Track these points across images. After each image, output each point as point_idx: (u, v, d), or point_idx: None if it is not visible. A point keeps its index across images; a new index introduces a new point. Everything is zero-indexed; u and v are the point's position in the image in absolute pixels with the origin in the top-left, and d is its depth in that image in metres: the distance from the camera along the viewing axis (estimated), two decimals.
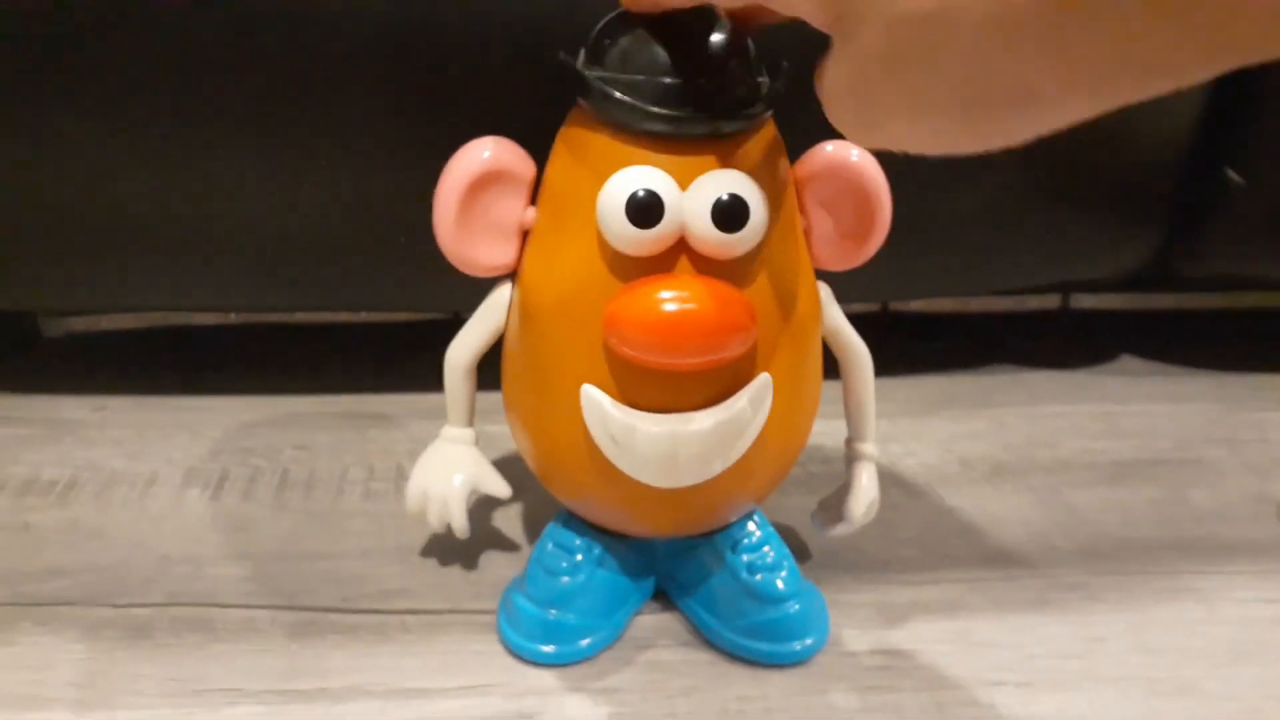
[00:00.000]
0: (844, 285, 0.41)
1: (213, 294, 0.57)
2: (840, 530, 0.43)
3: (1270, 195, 0.57)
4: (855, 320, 0.41)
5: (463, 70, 0.46)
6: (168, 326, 0.69)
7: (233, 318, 0.69)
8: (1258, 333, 0.72)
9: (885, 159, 0.37)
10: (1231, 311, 0.75)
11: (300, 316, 0.70)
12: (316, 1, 0.44)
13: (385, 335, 0.69)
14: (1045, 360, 0.67)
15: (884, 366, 0.42)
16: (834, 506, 0.43)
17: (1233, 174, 0.56)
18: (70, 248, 0.52)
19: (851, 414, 0.42)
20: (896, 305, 0.74)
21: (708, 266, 0.34)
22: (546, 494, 0.41)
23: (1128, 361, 0.67)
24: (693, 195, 0.33)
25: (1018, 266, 0.61)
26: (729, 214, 0.33)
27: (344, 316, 0.70)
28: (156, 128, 0.47)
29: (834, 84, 0.26)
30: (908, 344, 0.69)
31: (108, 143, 0.48)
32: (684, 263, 0.34)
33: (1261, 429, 0.59)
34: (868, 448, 0.42)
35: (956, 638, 0.42)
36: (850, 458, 0.42)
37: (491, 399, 0.41)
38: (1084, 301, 0.75)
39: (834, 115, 0.27)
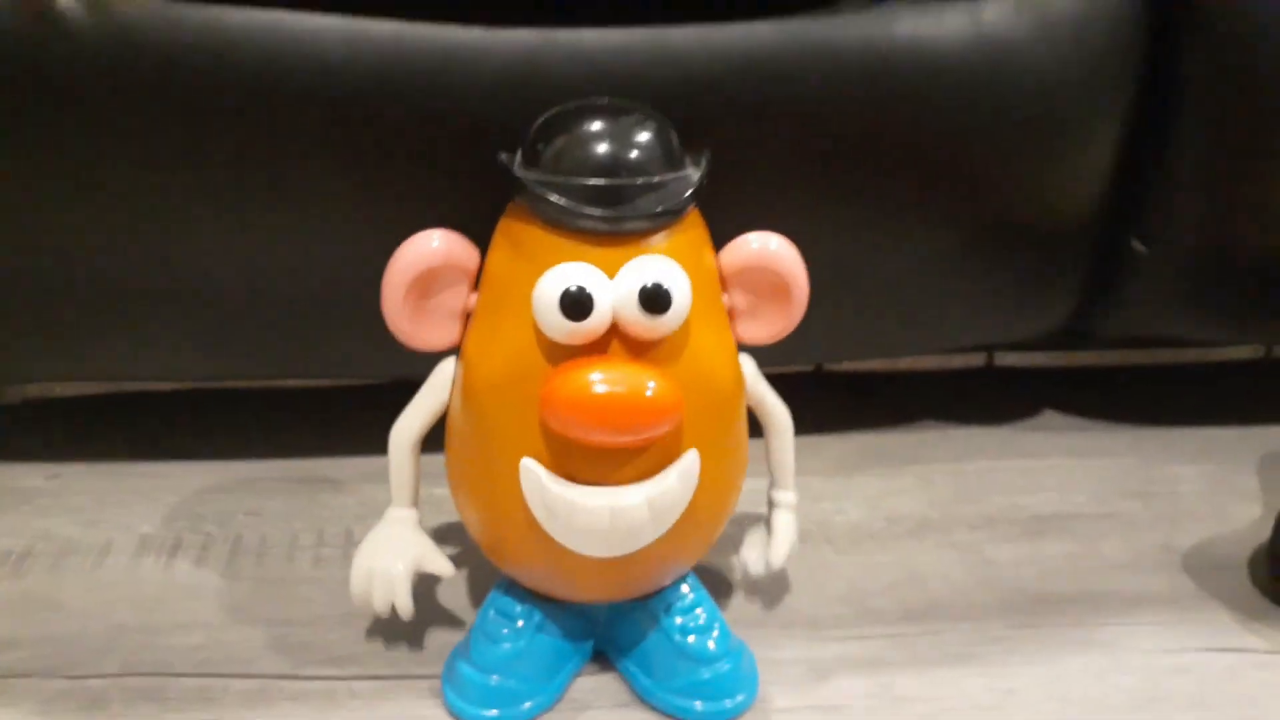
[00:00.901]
0: (778, 348, 0.44)
1: (167, 363, 0.58)
2: (765, 571, 0.46)
3: (1174, 260, 0.60)
4: (788, 380, 0.44)
5: (414, 155, 0.48)
6: (122, 393, 0.70)
7: (187, 383, 0.71)
8: (1172, 388, 0.76)
9: (820, 232, 0.40)
10: (1148, 368, 0.79)
11: (253, 382, 0.72)
12: (278, 83, 0.46)
13: (335, 399, 0.70)
14: (971, 417, 0.70)
15: (815, 424, 0.45)
16: (758, 546, 0.47)
17: (1137, 243, 0.60)
18: (26, 317, 0.53)
19: (773, 469, 0.46)
20: (829, 364, 0.77)
21: (636, 347, 0.37)
22: (488, 561, 0.43)
23: (1049, 417, 0.71)
24: (620, 282, 0.36)
25: (944, 327, 0.64)
26: (653, 299, 0.36)
27: (295, 381, 0.72)
28: (117, 200, 0.49)
29: None
30: (839, 401, 0.72)
31: (65, 214, 0.49)
32: (615, 345, 0.37)
33: (1173, 482, 0.62)
34: (788, 496, 0.46)
35: (880, 691, 0.44)
36: (771, 503, 0.46)
37: (438, 462, 0.43)
38: (1008, 359, 0.78)
39: None
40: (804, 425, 0.46)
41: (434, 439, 0.42)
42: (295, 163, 0.48)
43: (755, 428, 0.44)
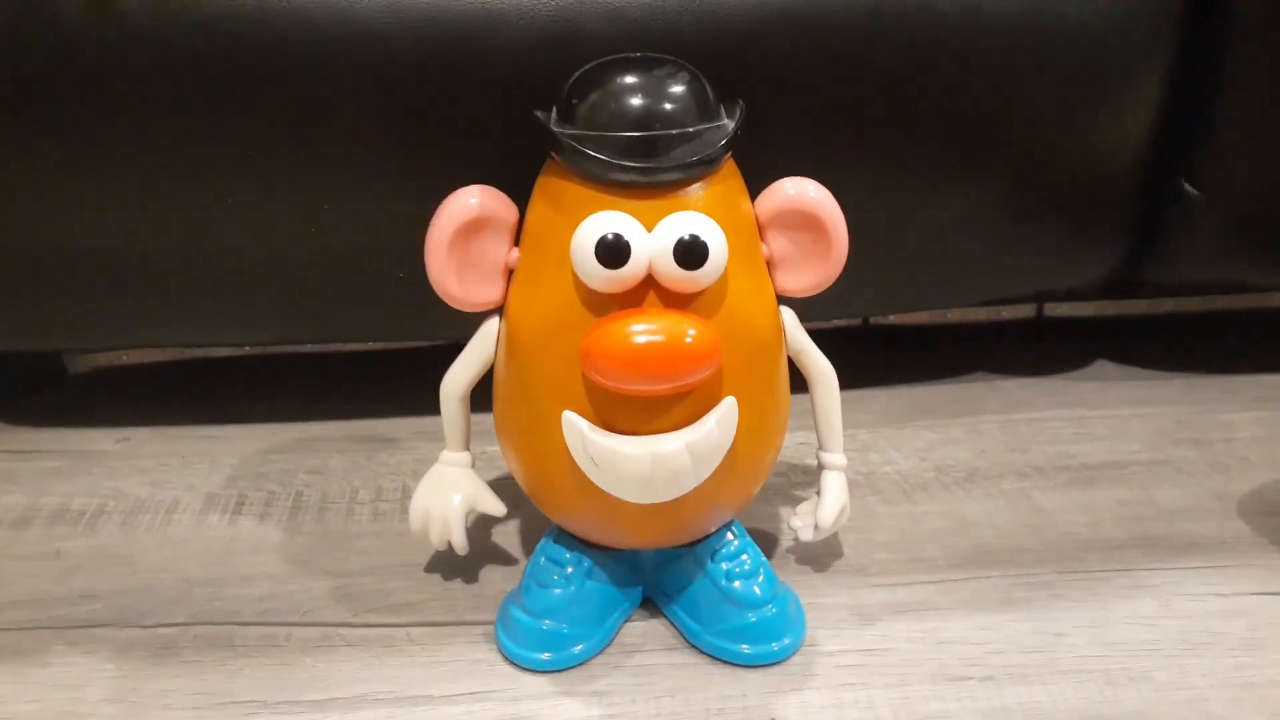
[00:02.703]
0: (825, 302, 0.44)
1: (228, 329, 0.60)
2: (815, 537, 0.46)
3: (1226, 205, 0.59)
4: (835, 334, 0.44)
5: (455, 117, 0.49)
6: (186, 360, 0.72)
7: (248, 350, 0.73)
8: (1226, 335, 0.75)
9: (865, 182, 0.40)
10: (1202, 315, 0.78)
11: (311, 347, 0.74)
12: (318, 47, 0.47)
13: (391, 362, 0.72)
14: (1021, 368, 0.69)
15: (863, 378, 0.45)
16: (809, 513, 0.46)
17: (1188, 187, 0.59)
18: (92, 289, 0.55)
19: (820, 428, 0.45)
20: (876, 318, 0.77)
21: (674, 299, 0.37)
22: (539, 512, 0.44)
23: (1101, 367, 0.70)
24: (657, 236, 0.36)
25: (993, 278, 0.64)
26: (689, 253, 0.36)
27: (352, 346, 0.74)
28: (172, 174, 0.51)
29: None
30: (887, 355, 0.72)
31: (125, 189, 0.51)
32: (652, 297, 0.37)
33: (1229, 429, 0.62)
34: (837, 458, 0.45)
35: (925, 635, 0.45)
36: (820, 467, 0.46)
37: (489, 421, 0.44)
38: (1058, 310, 0.78)
39: None
40: (850, 379, 0.46)
41: (485, 399, 0.43)
42: (338, 128, 0.49)
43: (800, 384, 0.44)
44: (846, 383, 0.45)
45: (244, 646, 0.44)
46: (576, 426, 0.38)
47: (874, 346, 0.74)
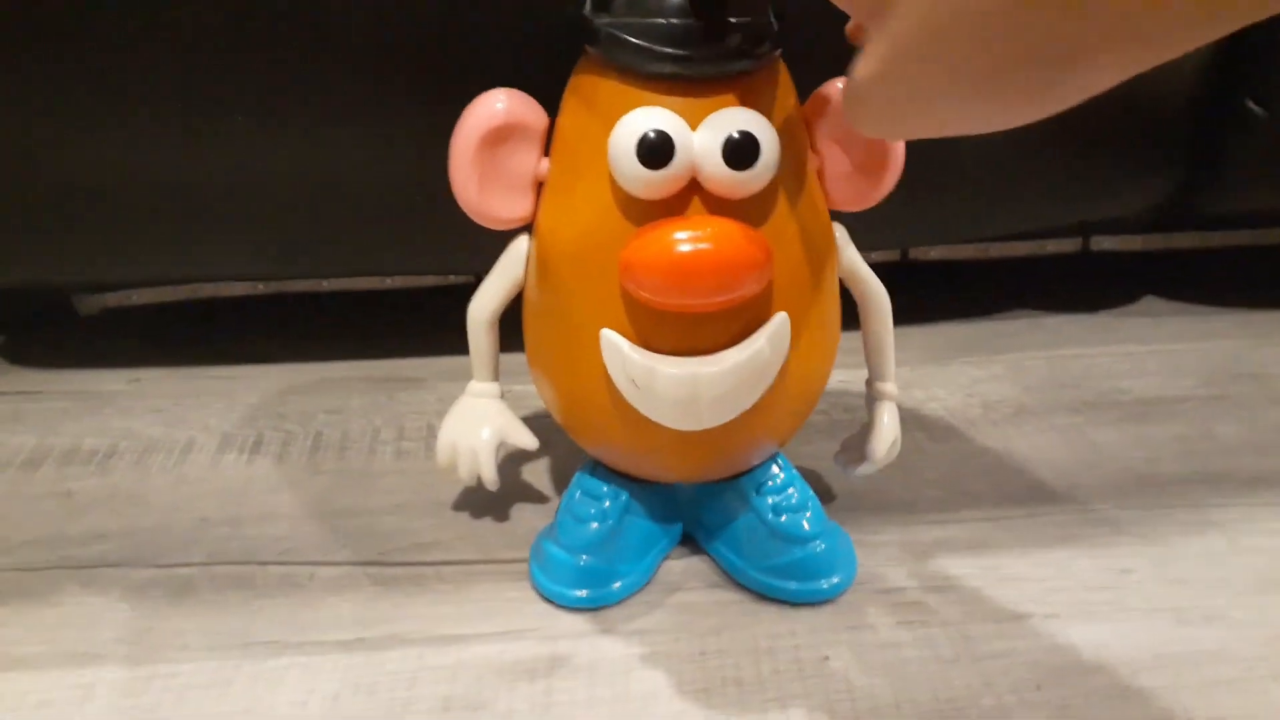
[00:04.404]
0: (863, 233, 0.41)
1: (240, 264, 0.58)
2: (863, 470, 0.43)
3: None
4: (875, 269, 0.41)
5: (474, 24, 0.46)
6: (199, 300, 0.70)
7: (261, 288, 0.70)
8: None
9: None
10: (1255, 248, 0.74)
11: (327, 285, 0.71)
12: None
13: (411, 300, 0.70)
14: (1066, 304, 0.66)
15: (904, 314, 0.43)
16: (856, 447, 0.44)
17: (1253, 105, 0.55)
18: (100, 224, 0.53)
19: (871, 355, 0.42)
20: (916, 254, 0.74)
21: (721, 206, 0.34)
22: (573, 445, 0.42)
23: (1151, 302, 0.67)
24: (703, 134, 0.33)
25: (1036, 207, 0.61)
26: (740, 151, 0.33)
27: (370, 283, 0.71)
28: (180, 102, 0.48)
29: (869, 76, 0.26)
30: (928, 291, 0.69)
31: (133, 120, 0.49)
32: (696, 204, 0.34)
33: None
34: (888, 387, 0.43)
35: (984, 573, 0.42)
36: (871, 398, 0.43)
37: (516, 359, 0.41)
38: (1104, 244, 0.75)
39: (863, 116, 0.27)
40: (892, 315, 0.43)
41: (513, 340, 0.41)
42: (349, 45, 0.47)
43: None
44: None
45: (265, 586, 0.42)
46: (616, 345, 0.35)
47: (913, 282, 0.71)
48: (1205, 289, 0.68)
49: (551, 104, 0.37)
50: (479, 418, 0.42)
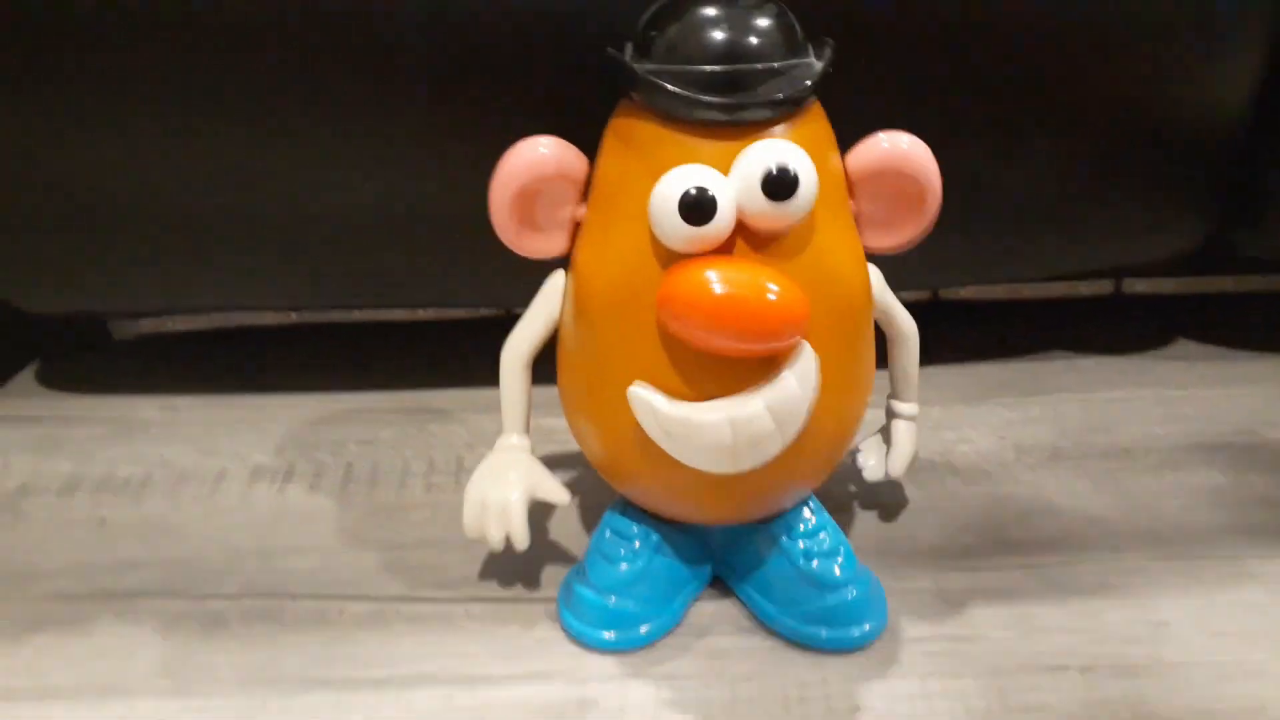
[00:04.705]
0: (895, 273, 0.41)
1: (276, 293, 0.58)
2: (880, 478, 0.45)
3: None
4: (905, 307, 0.41)
5: (510, 65, 0.47)
6: (233, 328, 0.70)
7: (294, 317, 0.71)
8: None
9: (933, 147, 0.38)
10: None
11: (360, 315, 0.72)
12: (375, 4, 0.45)
13: (443, 333, 0.70)
14: (1099, 346, 0.66)
15: (936, 355, 0.43)
16: (872, 451, 0.46)
17: None
18: (138, 253, 0.54)
19: (895, 378, 0.44)
20: (947, 294, 0.73)
21: (760, 242, 0.34)
22: (603, 484, 0.42)
23: (1184, 345, 0.66)
24: (740, 172, 0.33)
25: (1070, 250, 0.60)
26: (778, 183, 0.33)
27: (403, 315, 0.72)
28: (218, 133, 0.49)
29: None
30: (960, 332, 0.68)
31: (173, 150, 0.49)
32: (739, 244, 0.35)
33: None
34: (909, 407, 0.44)
35: (1017, 623, 0.42)
36: (890, 414, 0.44)
37: (549, 393, 0.41)
38: (1137, 286, 0.74)
39: None
40: (921, 355, 0.44)
41: (545, 371, 0.41)
42: (391, 77, 0.47)
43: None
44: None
45: (295, 621, 0.42)
46: (646, 401, 0.35)
47: (945, 322, 0.71)
48: (1239, 332, 0.67)
49: (591, 144, 0.38)
50: (509, 476, 0.41)
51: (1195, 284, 0.74)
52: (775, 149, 0.34)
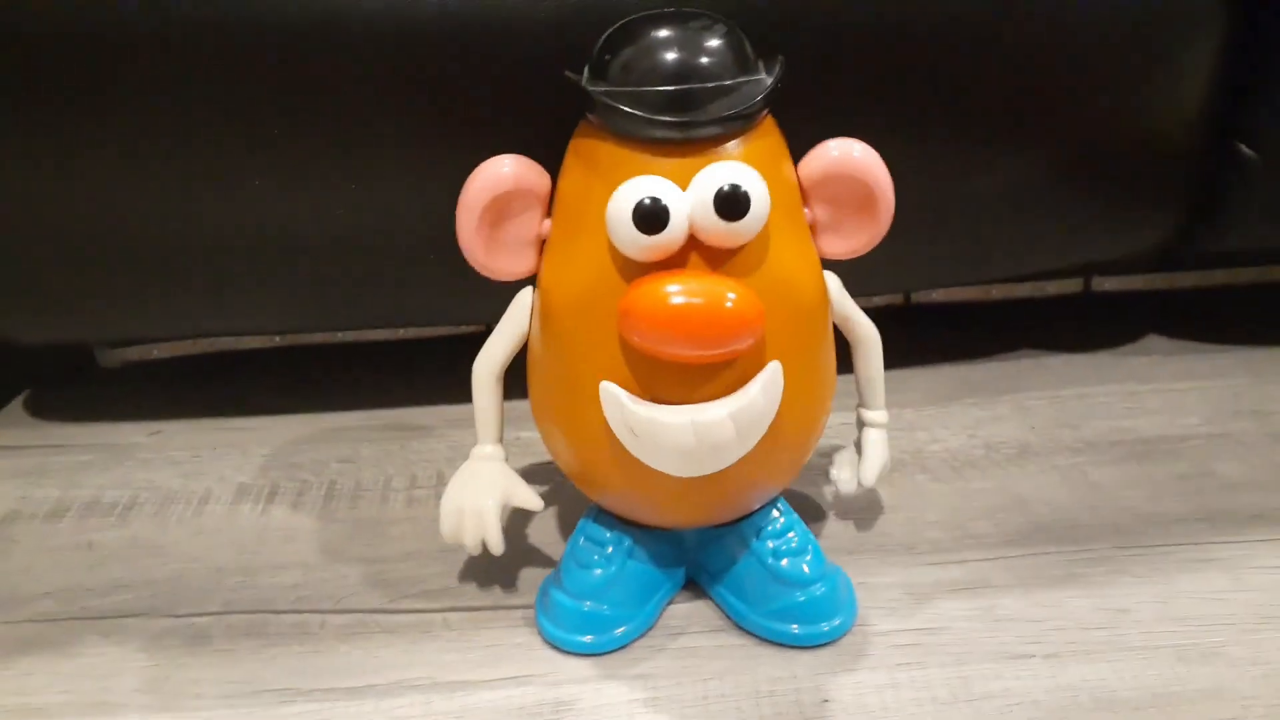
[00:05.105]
0: (866, 277, 0.42)
1: (259, 319, 0.59)
2: (854, 490, 0.45)
3: None
4: (877, 311, 0.42)
5: (482, 90, 0.48)
6: (217, 352, 0.71)
7: (278, 340, 0.72)
8: None
9: (903, 151, 0.39)
10: (1257, 286, 0.75)
11: (341, 336, 0.73)
12: (337, 23, 0.46)
13: (422, 351, 0.71)
14: (1068, 344, 0.67)
15: (907, 356, 0.44)
16: (845, 465, 0.46)
17: (1245, 149, 0.56)
18: (122, 281, 0.55)
19: (862, 386, 0.44)
20: (919, 296, 0.75)
21: (716, 257, 0.36)
22: (577, 492, 0.43)
23: (1153, 341, 0.68)
24: (695, 190, 0.35)
25: (1039, 250, 0.62)
26: (730, 203, 0.34)
27: (382, 333, 0.73)
28: (199, 162, 0.50)
29: None
30: (930, 334, 0.70)
31: (152, 178, 0.50)
32: (693, 258, 0.36)
33: None
34: (878, 415, 0.44)
35: (982, 614, 0.43)
36: (861, 424, 0.45)
37: (522, 405, 0.42)
38: (1106, 284, 0.75)
39: None
40: (895, 358, 0.45)
41: (518, 382, 0.42)
42: (362, 105, 0.48)
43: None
44: (889, 362, 0.44)
45: (277, 634, 0.43)
46: (615, 396, 0.37)
47: (917, 324, 0.72)
48: (1207, 327, 0.68)
49: (554, 163, 0.39)
50: (484, 483, 0.42)
51: (1163, 280, 0.76)
52: (728, 170, 0.35)
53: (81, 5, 0.46)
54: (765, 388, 0.36)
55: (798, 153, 0.39)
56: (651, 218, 0.34)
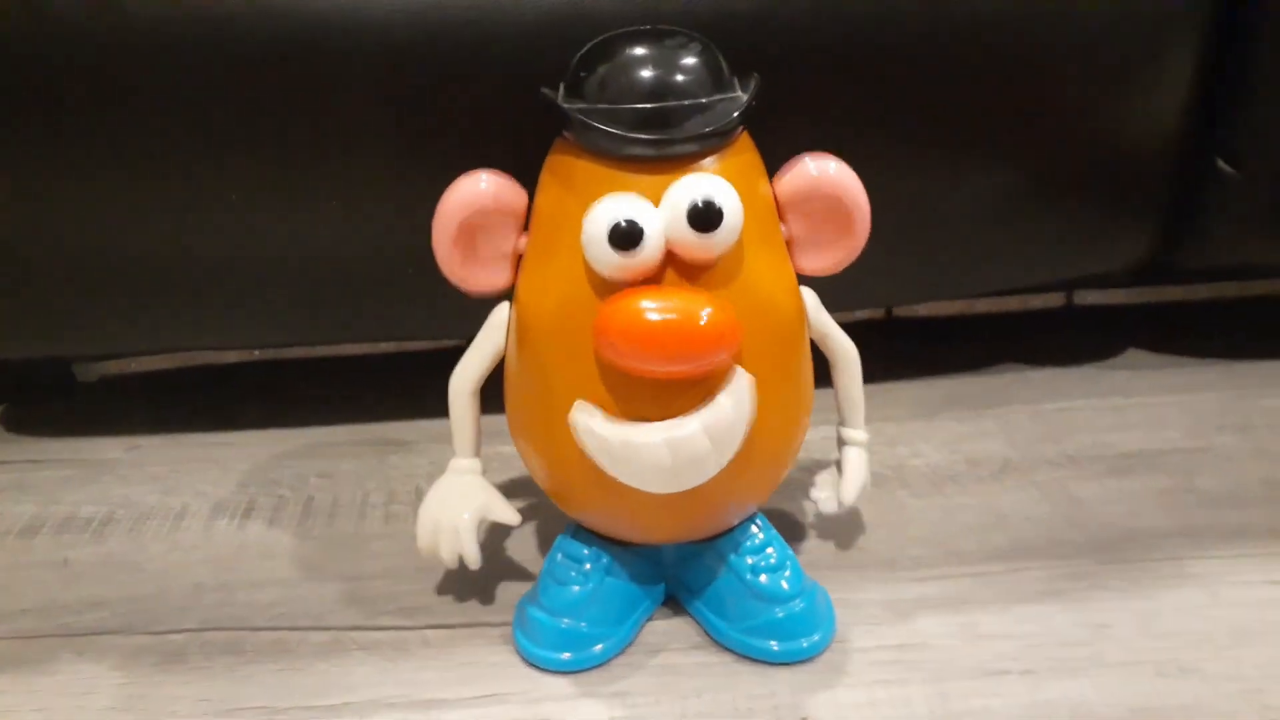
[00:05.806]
0: (848, 291, 0.42)
1: (237, 332, 0.59)
2: (836, 510, 0.45)
3: (1264, 181, 0.57)
4: (860, 326, 0.42)
5: (461, 107, 0.48)
6: (195, 366, 0.71)
7: (257, 354, 0.72)
8: (1265, 320, 0.72)
9: (885, 166, 0.39)
10: (1240, 300, 0.75)
11: (321, 350, 0.72)
12: (318, 39, 0.46)
13: (401, 365, 0.71)
14: (1051, 358, 0.67)
15: (890, 371, 0.44)
16: (827, 484, 0.45)
17: (1223, 165, 0.57)
18: (100, 295, 0.54)
19: (841, 404, 0.44)
20: (901, 311, 0.75)
21: (690, 272, 0.36)
22: (555, 509, 0.43)
23: (1135, 355, 0.68)
24: (668, 206, 0.35)
25: (1020, 264, 0.62)
26: (703, 216, 0.34)
27: (361, 348, 0.73)
28: (175, 177, 0.49)
29: None
30: (913, 348, 0.70)
31: (130, 193, 0.50)
32: (668, 274, 0.36)
33: (1271, 415, 0.59)
34: (857, 434, 0.44)
35: (962, 630, 0.43)
36: (841, 442, 0.44)
37: (500, 421, 0.42)
38: (1088, 298, 0.76)
39: None
40: (877, 372, 0.45)
41: (496, 398, 0.42)
42: (341, 122, 0.48)
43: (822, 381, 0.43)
44: (872, 376, 0.44)
45: (254, 652, 0.43)
46: (587, 419, 0.36)
47: (899, 338, 0.72)
48: (1189, 341, 0.69)
49: (531, 179, 0.39)
50: (460, 497, 0.42)
51: (1145, 294, 0.76)
52: (701, 183, 0.35)
53: (62, 27, 0.45)
54: (734, 397, 0.36)
55: (772, 166, 0.39)
56: (626, 237, 0.34)
